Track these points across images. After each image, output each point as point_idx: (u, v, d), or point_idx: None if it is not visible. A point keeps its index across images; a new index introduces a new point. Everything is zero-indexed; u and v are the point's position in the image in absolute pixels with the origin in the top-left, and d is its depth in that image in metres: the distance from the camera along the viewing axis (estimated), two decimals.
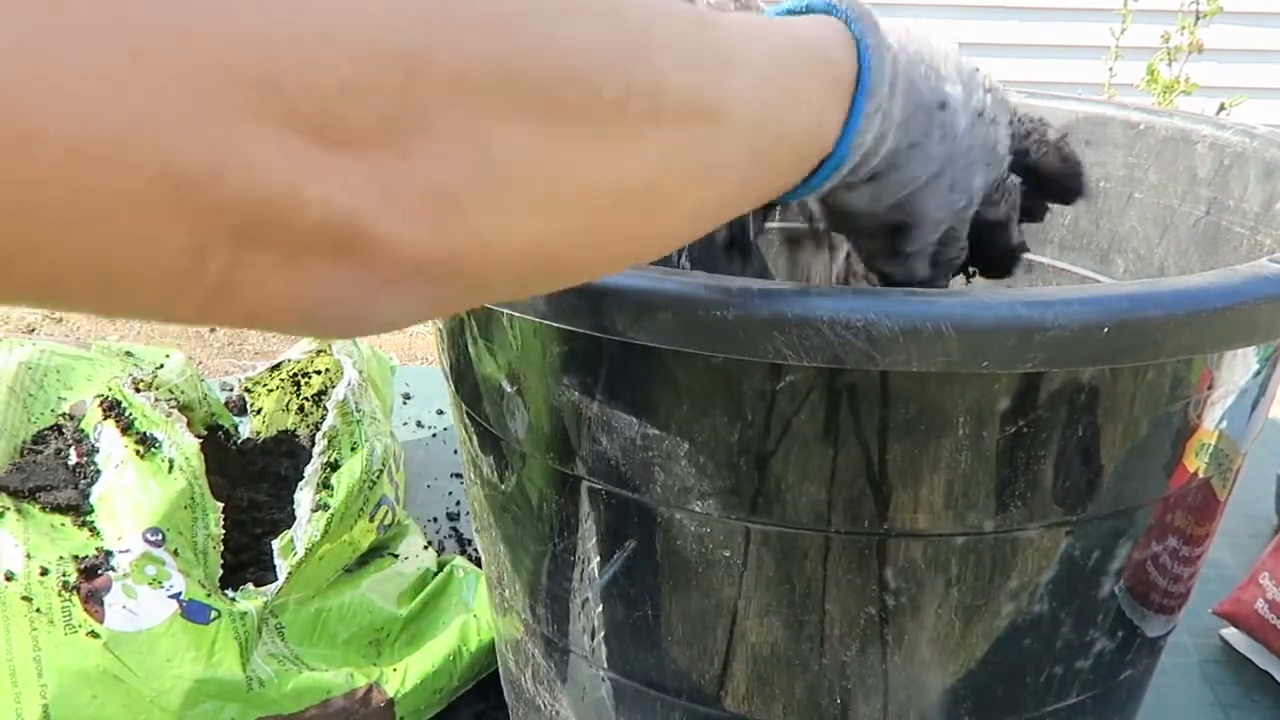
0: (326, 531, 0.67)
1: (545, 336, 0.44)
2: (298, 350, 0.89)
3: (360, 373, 0.81)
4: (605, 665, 0.52)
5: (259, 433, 0.86)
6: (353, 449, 0.72)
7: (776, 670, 0.48)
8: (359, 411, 0.75)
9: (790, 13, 0.37)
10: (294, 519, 0.69)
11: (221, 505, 0.66)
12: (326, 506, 0.68)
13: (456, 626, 0.71)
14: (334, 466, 0.71)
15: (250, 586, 0.65)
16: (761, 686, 0.48)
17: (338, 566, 0.71)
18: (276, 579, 0.65)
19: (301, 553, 0.66)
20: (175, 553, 0.62)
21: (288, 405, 0.87)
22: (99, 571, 0.60)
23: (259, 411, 0.88)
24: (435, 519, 0.92)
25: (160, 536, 0.62)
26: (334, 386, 0.79)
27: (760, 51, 0.31)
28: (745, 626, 0.47)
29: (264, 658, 0.62)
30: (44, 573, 0.60)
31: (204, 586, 0.62)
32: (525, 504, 0.51)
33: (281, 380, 0.88)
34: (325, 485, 0.69)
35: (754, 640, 0.47)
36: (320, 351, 0.87)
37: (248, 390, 0.89)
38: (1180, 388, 0.42)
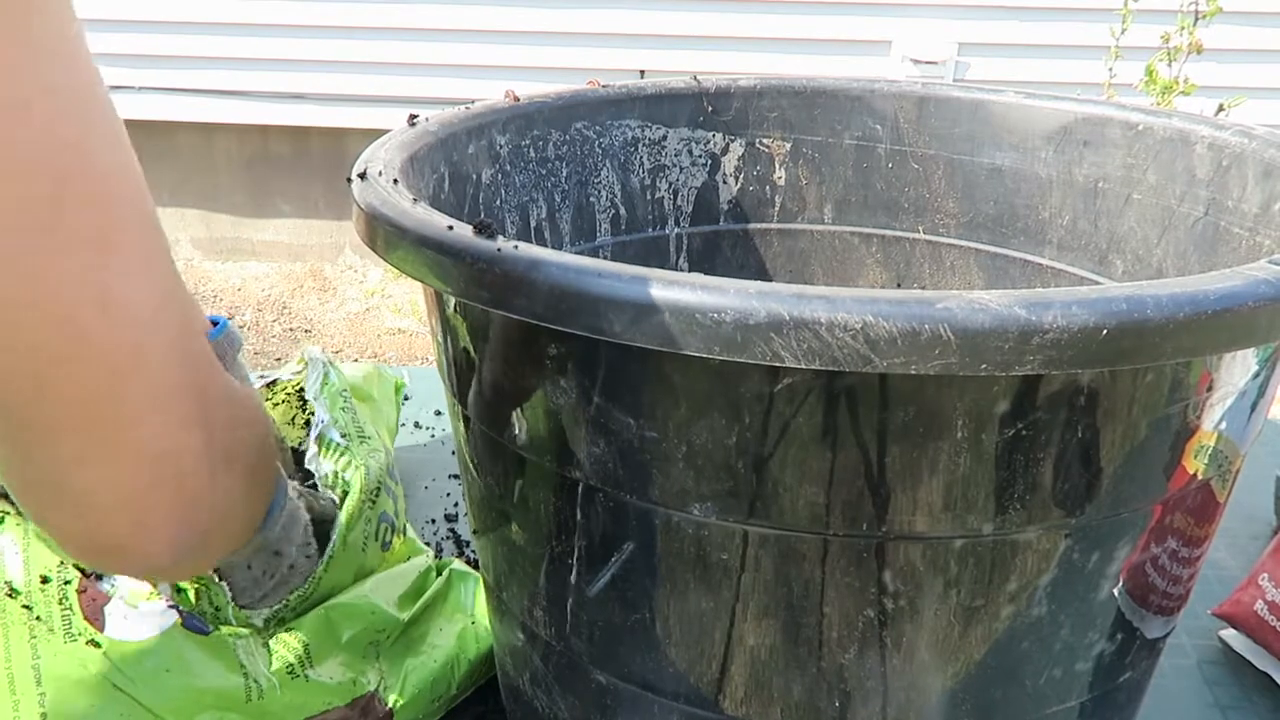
0: (331, 558, 0.66)
1: (542, 339, 0.44)
2: (287, 371, 0.88)
3: (340, 392, 0.80)
4: (603, 668, 0.52)
5: None
6: (349, 474, 0.71)
7: (775, 673, 0.47)
8: (344, 440, 0.73)
9: None
10: None
11: None
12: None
13: (455, 634, 0.70)
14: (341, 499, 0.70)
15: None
16: (760, 690, 0.48)
17: (345, 586, 0.70)
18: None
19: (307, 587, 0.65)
20: None
21: (293, 420, 0.86)
22: (99, 581, 0.60)
23: None
24: (433, 520, 0.91)
25: None
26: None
27: None
28: (743, 629, 0.47)
29: (266, 661, 0.62)
30: (44, 580, 0.59)
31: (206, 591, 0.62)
32: (523, 506, 0.51)
33: (287, 395, 0.87)
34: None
35: (752, 643, 0.47)
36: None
37: None
38: (1179, 390, 0.42)
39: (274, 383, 0.88)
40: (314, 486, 0.74)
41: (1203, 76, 2.11)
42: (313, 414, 0.84)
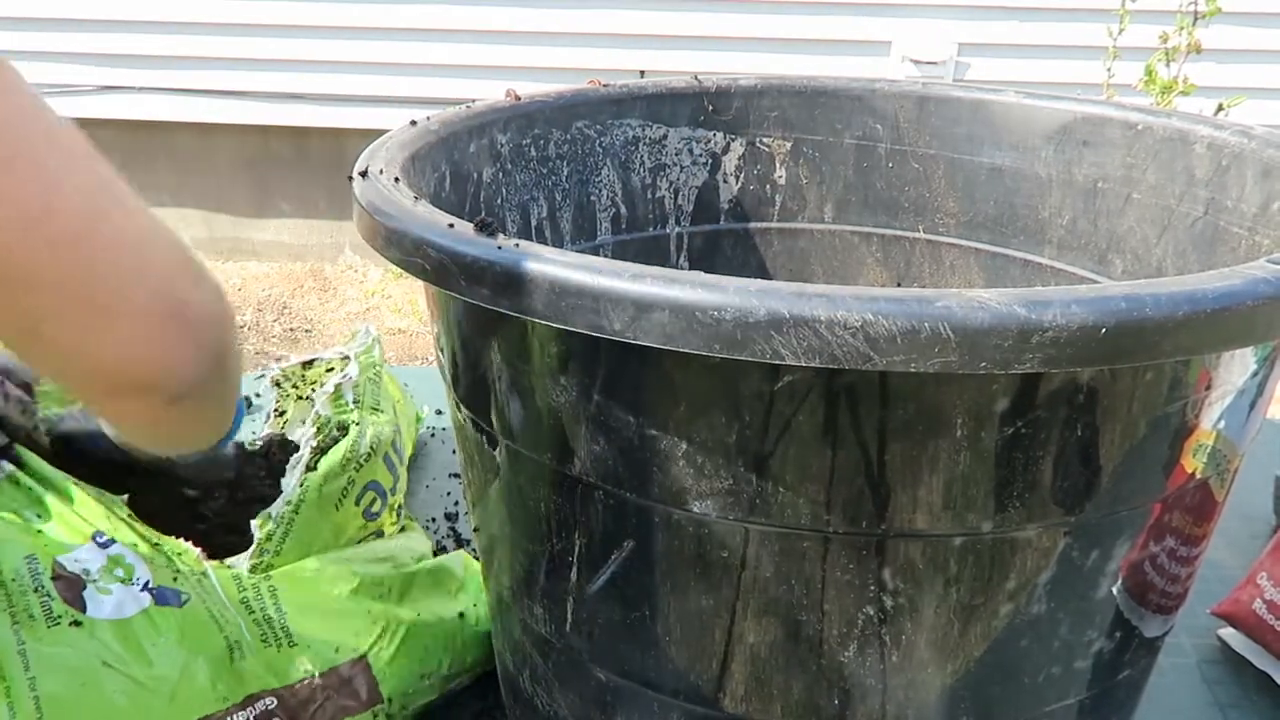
0: (303, 500, 0.67)
1: (543, 337, 0.44)
2: (331, 352, 0.89)
3: (375, 366, 0.81)
4: (603, 665, 0.52)
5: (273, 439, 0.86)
6: (344, 432, 0.72)
7: (775, 670, 0.48)
8: (355, 404, 0.74)
9: None
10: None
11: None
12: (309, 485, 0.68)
13: (449, 612, 0.70)
14: (322, 451, 0.71)
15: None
16: (759, 687, 0.48)
17: (324, 548, 0.70)
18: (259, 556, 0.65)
19: (275, 520, 0.65)
20: (134, 546, 0.62)
21: (305, 419, 0.86)
22: (71, 570, 0.60)
23: (281, 414, 0.87)
24: (434, 519, 0.91)
25: (109, 537, 0.62)
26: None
27: None
28: (743, 627, 0.47)
29: (248, 625, 0.62)
30: (17, 570, 0.59)
31: (169, 567, 0.62)
32: (523, 504, 0.51)
33: (314, 392, 0.87)
34: (312, 468, 0.69)
35: (752, 640, 0.47)
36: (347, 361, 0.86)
37: (276, 384, 0.88)
38: (1178, 388, 0.42)
39: (311, 363, 0.88)
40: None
41: (1202, 76, 2.11)
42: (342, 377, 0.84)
